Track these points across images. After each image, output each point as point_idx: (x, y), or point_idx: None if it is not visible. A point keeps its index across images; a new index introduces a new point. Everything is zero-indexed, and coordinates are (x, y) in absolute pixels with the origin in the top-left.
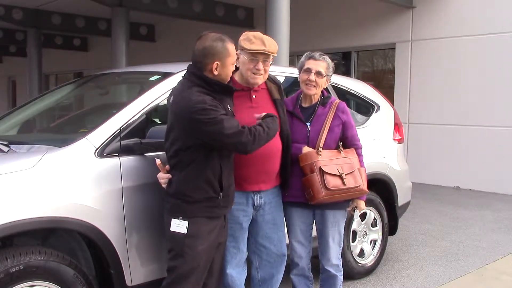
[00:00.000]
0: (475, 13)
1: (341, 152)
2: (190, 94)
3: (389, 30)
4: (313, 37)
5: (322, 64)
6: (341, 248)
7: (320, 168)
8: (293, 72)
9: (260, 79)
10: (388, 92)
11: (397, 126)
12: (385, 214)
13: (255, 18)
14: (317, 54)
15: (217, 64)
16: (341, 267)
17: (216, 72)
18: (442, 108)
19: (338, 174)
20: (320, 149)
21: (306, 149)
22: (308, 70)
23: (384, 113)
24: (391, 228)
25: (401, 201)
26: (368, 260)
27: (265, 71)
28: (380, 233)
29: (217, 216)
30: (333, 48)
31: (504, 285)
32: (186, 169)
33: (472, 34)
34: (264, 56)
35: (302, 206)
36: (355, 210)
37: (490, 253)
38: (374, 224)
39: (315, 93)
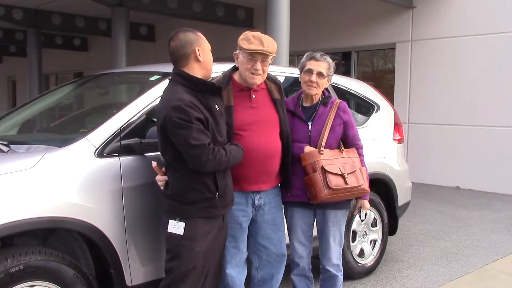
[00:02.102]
0: (475, 13)
1: (343, 151)
2: (173, 92)
3: (389, 30)
4: (313, 37)
5: (323, 64)
6: (341, 248)
7: (322, 167)
8: (293, 72)
9: (259, 79)
10: (388, 92)
11: (397, 126)
12: (385, 214)
13: (255, 18)
14: (318, 55)
15: (198, 49)
16: (341, 267)
17: (201, 58)
18: (442, 108)
19: (340, 173)
20: (322, 148)
21: (308, 149)
22: (310, 71)
23: (384, 113)
24: (391, 228)
25: (401, 201)
26: (368, 260)
27: (264, 71)
28: (380, 233)
29: (214, 216)
30: (333, 48)
31: (504, 285)
32: (178, 171)
33: (472, 34)
34: (262, 56)
35: (303, 206)
36: (361, 210)
37: (490, 253)
38: (374, 224)
39: (317, 93)
